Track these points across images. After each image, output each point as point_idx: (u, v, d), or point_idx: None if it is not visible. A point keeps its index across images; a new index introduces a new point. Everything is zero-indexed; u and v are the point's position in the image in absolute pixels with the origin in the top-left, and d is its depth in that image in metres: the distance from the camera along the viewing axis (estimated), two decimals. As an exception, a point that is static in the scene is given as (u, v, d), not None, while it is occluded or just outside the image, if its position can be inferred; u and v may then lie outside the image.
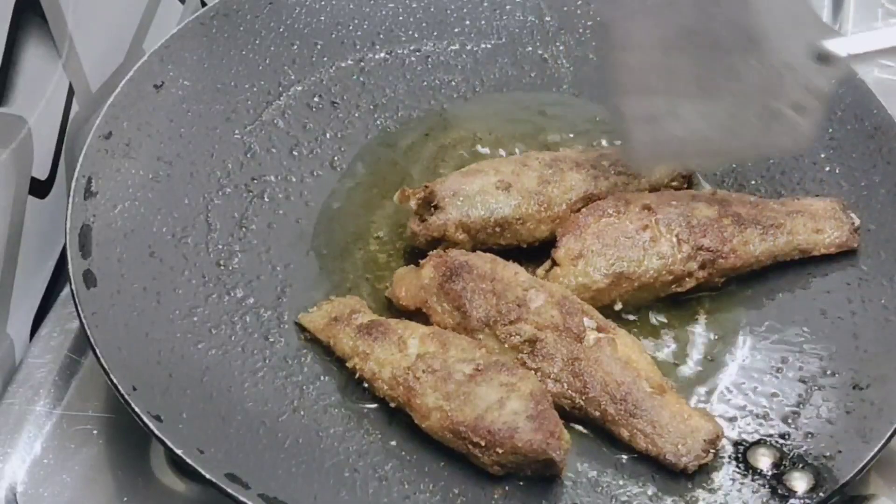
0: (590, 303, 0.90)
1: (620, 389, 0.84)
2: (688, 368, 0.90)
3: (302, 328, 0.89)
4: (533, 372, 0.84)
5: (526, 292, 0.87)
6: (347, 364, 0.86)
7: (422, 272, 0.89)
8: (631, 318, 0.93)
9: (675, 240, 0.92)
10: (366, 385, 0.85)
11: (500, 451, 0.79)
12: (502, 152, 1.04)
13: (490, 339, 0.86)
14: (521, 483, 0.81)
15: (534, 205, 0.94)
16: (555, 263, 0.92)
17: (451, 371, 0.82)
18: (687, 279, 0.92)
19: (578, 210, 0.95)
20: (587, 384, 0.84)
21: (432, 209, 0.92)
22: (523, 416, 0.79)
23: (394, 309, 0.91)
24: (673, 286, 0.92)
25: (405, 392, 0.82)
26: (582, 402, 0.84)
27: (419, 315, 0.89)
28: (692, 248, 0.92)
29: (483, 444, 0.79)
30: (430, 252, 0.91)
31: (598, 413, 0.84)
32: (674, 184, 1.00)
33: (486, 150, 1.04)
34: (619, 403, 0.83)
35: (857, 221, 0.96)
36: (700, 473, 0.81)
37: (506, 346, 0.86)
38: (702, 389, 0.88)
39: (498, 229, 0.93)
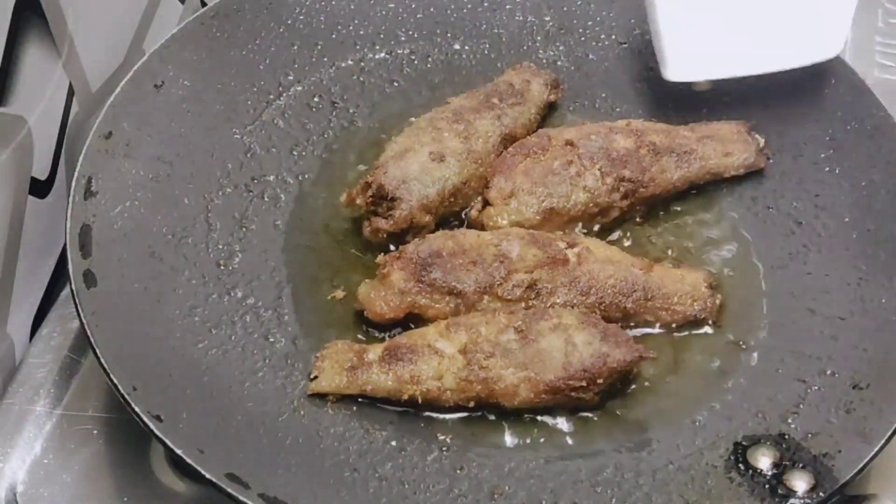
0: None
1: (626, 284, 0.89)
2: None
3: (321, 396, 0.86)
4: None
5: (499, 247, 0.89)
6: (397, 398, 0.84)
7: (390, 280, 0.88)
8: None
9: (598, 172, 0.95)
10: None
11: (601, 381, 0.83)
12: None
13: (493, 303, 0.88)
14: (522, 482, 0.81)
15: (470, 164, 0.96)
16: (487, 203, 0.95)
17: (503, 345, 0.83)
18: (611, 210, 0.96)
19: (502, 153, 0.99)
20: (599, 295, 0.89)
21: (387, 203, 0.93)
22: (598, 341, 0.83)
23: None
24: (598, 217, 0.96)
25: (483, 386, 0.83)
26: (603, 312, 0.88)
27: (405, 321, 0.89)
28: (615, 179, 0.96)
29: (585, 384, 0.82)
30: (378, 259, 0.91)
31: (619, 314, 0.89)
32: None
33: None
34: (631, 296, 0.89)
35: (762, 142, 1.01)
36: (700, 473, 0.81)
37: (512, 301, 0.88)
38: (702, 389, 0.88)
39: (452, 199, 0.95)
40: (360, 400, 0.85)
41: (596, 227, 0.97)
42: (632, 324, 0.91)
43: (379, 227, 0.93)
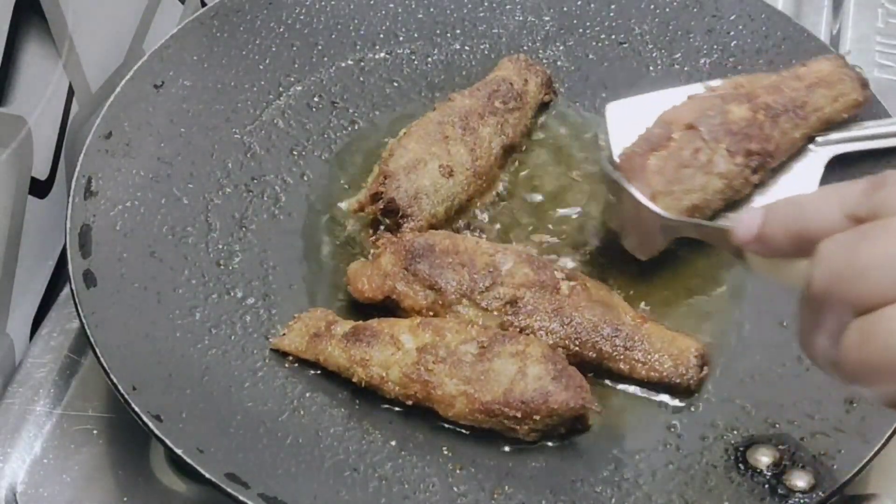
0: None
1: (609, 327, 0.86)
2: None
3: (282, 353, 0.87)
4: (525, 332, 0.86)
5: (493, 257, 0.89)
6: (348, 376, 0.85)
7: (380, 261, 0.89)
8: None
9: (726, 153, 0.92)
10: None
11: (538, 417, 0.81)
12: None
13: (470, 309, 0.87)
14: (522, 481, 0.81)
15: (475, 179, 0.97)
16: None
17: (459, 355, 0.83)
18: (745, 187, 0.94)
19: (502, 165, 0.99)
20: (577, 329, 0.86)
21: (397, 219, 0.93)
22: (548, 378, 0.81)
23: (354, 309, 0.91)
24: (734, 198, 0.94)
25: (422, 387, 0.82)
26: (577, 348, 0.86)
27: (384, 306, 0.89)
28: (744, 156, 0.92)
29: (519, 415, 0.80)
30: (380, 242, 0.92)
31: (593, 354, 0.86)
32: None
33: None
34: (612, 340, 0.86)
35: (864, 77, 0.98)
36: (700, 473, 0.81)
37: (488, 311, 0.87)
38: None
39: (454, 214, 0.96)
40: (359, 399, 0.85)
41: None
42: (605, 369, 0.87)
43: (383, 240, 0.93)
